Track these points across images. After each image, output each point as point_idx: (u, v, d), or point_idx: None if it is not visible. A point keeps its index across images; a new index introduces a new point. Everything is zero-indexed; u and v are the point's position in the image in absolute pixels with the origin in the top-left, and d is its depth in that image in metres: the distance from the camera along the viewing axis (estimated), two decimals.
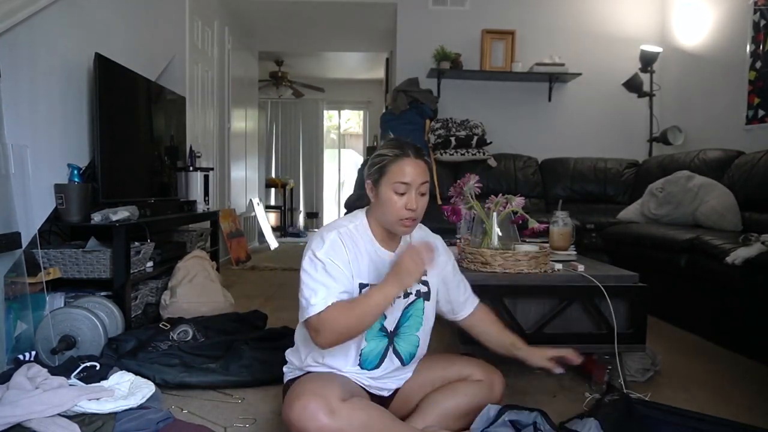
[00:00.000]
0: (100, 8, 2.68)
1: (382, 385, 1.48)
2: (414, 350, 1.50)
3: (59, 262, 2.30)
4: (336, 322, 1.28)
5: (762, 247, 2.26)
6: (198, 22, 4.18)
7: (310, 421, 1.22)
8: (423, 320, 1.50)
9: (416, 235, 1.52)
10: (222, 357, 2.04)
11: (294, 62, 7.80)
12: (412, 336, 1.49)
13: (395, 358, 1.46)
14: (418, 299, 1.49)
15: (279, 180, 8.19)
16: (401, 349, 1.47)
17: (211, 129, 4.57)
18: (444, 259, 1.57)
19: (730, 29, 3.85)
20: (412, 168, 1.37)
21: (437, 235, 1.63)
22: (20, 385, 1.56)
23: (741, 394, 1.90)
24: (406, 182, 1.36)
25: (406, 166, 1.37)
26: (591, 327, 1.83)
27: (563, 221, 2.19)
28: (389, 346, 1.45)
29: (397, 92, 4.50)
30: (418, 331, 1.50)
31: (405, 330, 1.47)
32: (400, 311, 1.46)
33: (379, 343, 1.43)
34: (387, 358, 1.45)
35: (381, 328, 1.43)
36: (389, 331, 1.45)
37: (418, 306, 1.49)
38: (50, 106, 2.29)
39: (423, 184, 1.39)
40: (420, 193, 1.39)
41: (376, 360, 1.44)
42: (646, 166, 4.21)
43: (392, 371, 1.47)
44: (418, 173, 1.37)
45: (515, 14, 4.74)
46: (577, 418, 1.54)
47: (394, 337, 1.46)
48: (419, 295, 1.49)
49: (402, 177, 1.36)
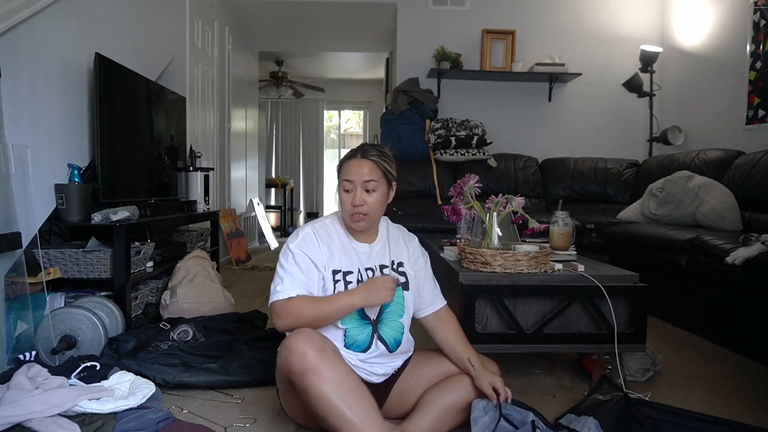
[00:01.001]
0: (100, 8, 2.68)
1: (370, 369, 1.51)
2: (399, 337, 1.53)
3: (59, 262, 2.30)
4: (299, 312, 1.40)
5: (762, 247, 2.26)
6: (198, 22, 4.18)
7: (297, 354, 1.30)
8: (404, 308, 1.56)
9: (393, 232, 1.64)
10: (222, 357, 2.04)
11: (294, 62, 7.80)
12: (395, 322, 1.53)
13: (380, 344, 1.50)
14: (398, 288, 1.54)
15: (279, 180, 8.19)
16: (386, 335, 1.51)
17: (212, 129, 4.57)
18: (417, 253, 1.65)
19: (730, 29, 3.85)
20: (355, 167, 1.49)
21: (413, 235, 1.72)
22: (21, 385, 1.57)
23: (741, 394, 1.90)
24: (350, 180, 1.49)
25: (351, 166, 1.50)
26: (591, 327, 1.83)
27: (563, 221, 2.19)
28: (374, 333, 1.50)
29: (397, 92, 4.50)
30: (401, 317, 1.55)
31: (388, 316, 1.53)
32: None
33: (364, 329, 1.49)
34: (373, 344, 1.49)
35: (362, 316, 1.50)
36: (372, 318, 1.51)
37: (399, 294, 1.54)
38: (50, 106, 2.28)
39: (368, 182, 1.48)
40: (366, 190, 1.48)
41: (364, 345, 1.49)
42: (646, 166, 4.21)
43: (378, 356, 1.50)
44: (361, 171, 1.48)
45: (515, 14, 4.74)
46: (571, 413, 1.54)
47: (378, 324, 1.51)
48: (398, 284, 1.53)
49: (346, 175, 1.50)
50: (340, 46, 6.84)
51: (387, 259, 1.58)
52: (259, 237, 6.58)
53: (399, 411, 1.57)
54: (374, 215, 1.51)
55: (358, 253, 1.54)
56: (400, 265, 1.59)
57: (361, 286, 1.45)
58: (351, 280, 1.50)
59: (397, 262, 1.59)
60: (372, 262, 1.55)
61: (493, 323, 1.83)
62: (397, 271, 1.58)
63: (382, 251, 1.58)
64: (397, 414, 1.57)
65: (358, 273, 1.52)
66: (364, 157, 1.50)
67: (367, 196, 1.48)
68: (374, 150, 1.52)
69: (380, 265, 1.56)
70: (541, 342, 1.82)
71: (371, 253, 1.56)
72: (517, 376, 2.02)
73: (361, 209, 1.47)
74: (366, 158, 1.49)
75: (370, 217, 1.50)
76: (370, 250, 1.56)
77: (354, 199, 1.47)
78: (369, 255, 1.56)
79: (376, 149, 1.52)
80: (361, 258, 1.54)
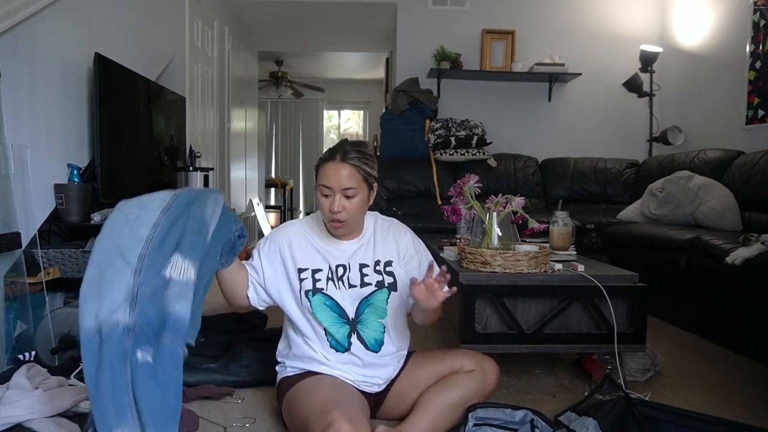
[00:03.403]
0: (100, 8, 2.68)
1: (368, 379, 1.51)
2: (380, 336, 1.52)
3: (59, 262, 2.30)
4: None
5: (762, 247, 2.26)
6: (198, 22, 4.18)
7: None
8: (387, 309, 1.53)
9: (381, 227, 1.59)
10: (222, 357, 2.04)
11: (294, 62, 7.80)
12: (374, 323, 1.53)
13: (359, 343, 1.50)
14: (381, 290, 1.52)
15: (279, 180, 8.19)
16: (365, 335, 1.51)
17: (211, 129, 4.57)
18: (411, 253, 1.60)
19: (730, 29, 3.85)
20: (333, 172, 1.42)
21: (406, 228, 1.66)
22: (20, 385, 1.57)
23: (741, 394, 1.90)
24: (328, 186, 1.43)
25: (328, 169, 1.43)
26: (591, 327, 1.83)
27: (563, 221, 2.19)
28: (352, 332, 1.51)
29: (397, 92, 4.50)
30: (382, 318, 1.53)
31: (366, 317, 1.52)
32: (357, 301, 1.51)
33: (340, 328, 1.50)
34: (352, 343, 1.50)
35: (341, 314, 1.50)
36: (350, 318, 1.51)
37: (381, 297, 1.52)
38: (50, 106, 2.28)
39: (348, 189, 1.42)
40: (345, 196, 1.42)
41: (344, 343, 1.49)
42: (646, 166, 4.21)
43: (363, 356, 1.50)
44: (340, 177, 1.41)
45: (515, 14, 4.74)
46: (572, 411, 1.54)
47: (357, 324, 1.51)
48: (381, 286, 1.52)
49: (324, 180, 1.44)
50: (339, 46, 6.84)
51: (370, 258, 1.54)
52: (259, 237, 6.57)
53: (397, 412, 1.56)
54: (354, 220, 1.48)
55: (331, 251, 1.52)
56: (387, 264, 1.55)
57: None
58: (320, 278, 1.49)
59: (384, 261, 1.55)
60: (348, 259, 1.52)
61: (493, 323, 1.83)
62: (384, 271, 1.54)
63: (365, 249, 1.54)
64: (395, 415, 1.57)
65: (328, 270, 1.50)
66: (344, 160, 1.42)
67: (346, 202, 1.43)
68: (354, 152, 1.44)
69: (360, 264, 1.53)
70: (541, 342, 1.82)
71: (350, 250, 1.53)
72: (517, 376, 2.01)
73: (340, 216, 1.43)
74: (345, 161, 1.42)
75: (349, 223, 1.46)
76: (349, 247, 1.53)
77: (332, 206, 1.43)
78: (346, 252, 1.53)
79: (356, 150, 1.45)
80: (333, 255, 1.52)
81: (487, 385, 1.53)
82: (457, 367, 1.55)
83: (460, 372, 1.53)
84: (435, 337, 2.52)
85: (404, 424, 1.46)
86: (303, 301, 1.50)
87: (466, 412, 1.46)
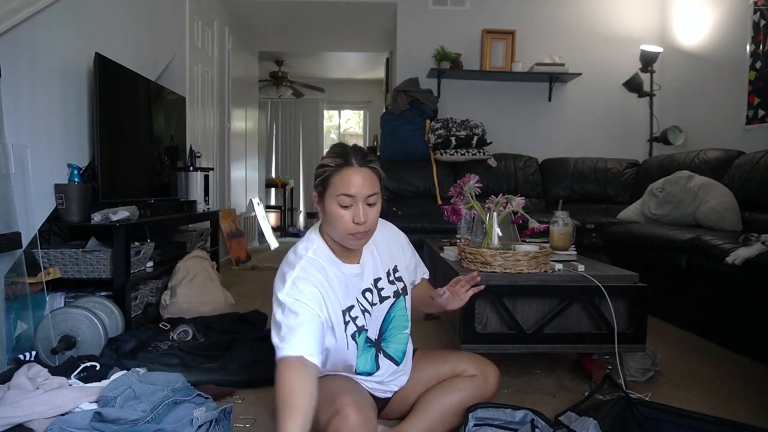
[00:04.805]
0: (100, 8, 2.68)
1: (386, 388, 1.51)
2: (404, 347, 1.51)
3: (59, 262, 2.30)
4: (276, 388, 1.15)
5: (762, 247, 2.26)
6: (198, 22, 4.18)
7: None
8: (407, 315, 1.51)
9: (379, 235, 1.46)
10: (222, 357, 2.04)
11: (294, 62, 7.80)
12: (400, 335, 1.49)
13: (386, 360, 1.47)
14: (399, 298, 1.49)
15: (279, 180, 8.19)
16: (391, 352, 1.48)
17: (211, 129, 4.57)
18: (404, 244, 1.59)
19: (730, 29, 3.85)
20: (357, 178, 1.25)
21: (389, 223, 1.59)
22: (21, 386, 1.57)
23: (741, 394, 1.90)
24: (351, 194, 1.25)
25: (349, 176, 1.25)
26: (591, 327, 1.83)
27: (563, 221, 2.19)
28: (378, 353, 1.45)
29: (397, 92, 4.50)
30: (405, 329, 1.50)
31: (391, 333, 1.47)
32: (381, 318, 1.45)
33: (368, 353, 1.43)
34: (380, 365, 1.45)
35: (366, 340, 1.41)
36: (374, 340, 1.44)
37: (400, 305, 1.49)
38: (50, 106, 2.28)
39: (371, 196, 1.28)
40: (368, 204, 1.28)
41: (372, 368, 1.44)
42: (646, 166, 4.21)
43: (392, 373, 1.48)
44: (364, 184, 1.26)
45: (515, 14, 4.74)
46: (572, 411, 1.54)
47: (381, 343, 1.45)
48: (398, 294, 1.49)
49: (345, 189, 1.25)
50: (340, 46, 6.84)
51: (381, 269, 1.45)
52: (259, 237, 6.58)
53: (399, 411, 1.56)
54: (374, 230, 1.35)
55: (351, 277, 1.37)
56: (395, 270, 1.50)
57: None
58: (356, 315, 1.36)
59: (392, 268, 1.49)
60: (366, 282, 1.41)
61: (493, 323, 1.83)
62: (395, 278, 1.49)
63: (373, 266, 1.45)
64: (397, 414, 1.57)
65: (358, 304, 1.37)
66: (363, 164, 1.28)
67: (369, 211, 1.29)
68: (370, 155, 1.32)
69: (375, 279, 1.44)
70: (541, 342, 1.82)
71: (362, 273, 1.41)
72: (517, 376, 2.01)
73: (363, 227, 1.28)
74: (365, 166, 1.28)
75: (370, 233, 1.33)
76: (361, 269, 1.40)
77: (357, 216, 1.26)
78: (361, 276, 1.40)
79: (370, 154, 1.33)
80: (355, 283, 1.37)
81: (488, 391, 1.53)
82: (459, 370, 1.54)
83: (462, 376, 1.53)
84: (434, 337, 2.52)
85: (403, 424, 1.46)
86: (350, 344, 1.36)
87: (467, 413, 1.46)
